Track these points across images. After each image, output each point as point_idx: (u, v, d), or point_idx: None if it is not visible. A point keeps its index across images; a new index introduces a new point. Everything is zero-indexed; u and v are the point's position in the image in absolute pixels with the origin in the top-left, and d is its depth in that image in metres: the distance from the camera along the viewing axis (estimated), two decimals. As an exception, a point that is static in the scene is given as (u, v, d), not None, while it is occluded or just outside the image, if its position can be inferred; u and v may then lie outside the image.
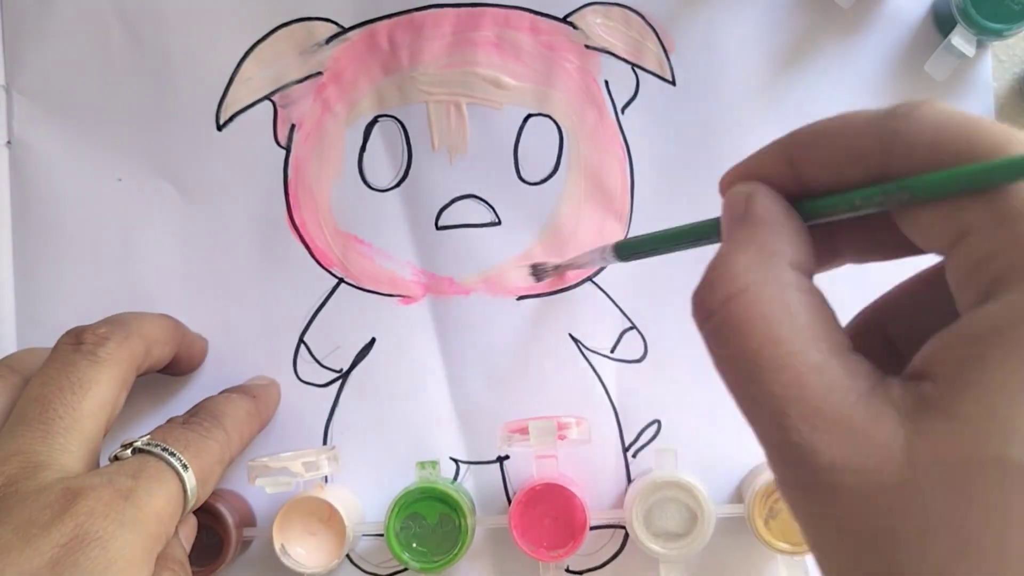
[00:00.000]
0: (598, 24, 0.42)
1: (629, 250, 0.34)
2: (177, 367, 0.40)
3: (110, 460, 0.33)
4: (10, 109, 0.43)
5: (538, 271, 0.42)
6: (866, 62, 0.41)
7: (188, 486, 0.33)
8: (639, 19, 0.42)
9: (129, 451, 0.33)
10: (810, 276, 0.21)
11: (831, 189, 0.21)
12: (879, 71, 0.41)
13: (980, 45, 0.40)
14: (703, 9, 0.42)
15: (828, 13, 0.41)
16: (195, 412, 0.37)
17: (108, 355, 0.34)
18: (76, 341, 0.34)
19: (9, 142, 0.43)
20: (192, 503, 0.33)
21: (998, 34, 0.38)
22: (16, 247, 0.42)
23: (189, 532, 0.36)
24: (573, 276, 0.42)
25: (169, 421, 0.36)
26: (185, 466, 0.33)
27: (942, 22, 0.41)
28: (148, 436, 0.34)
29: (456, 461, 0.42)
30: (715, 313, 0.21)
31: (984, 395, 0.17)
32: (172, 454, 0.33)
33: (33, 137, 0.43)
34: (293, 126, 0.42)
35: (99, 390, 0.33)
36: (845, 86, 0.41)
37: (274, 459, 0.38)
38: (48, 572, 0.28)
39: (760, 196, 0.22)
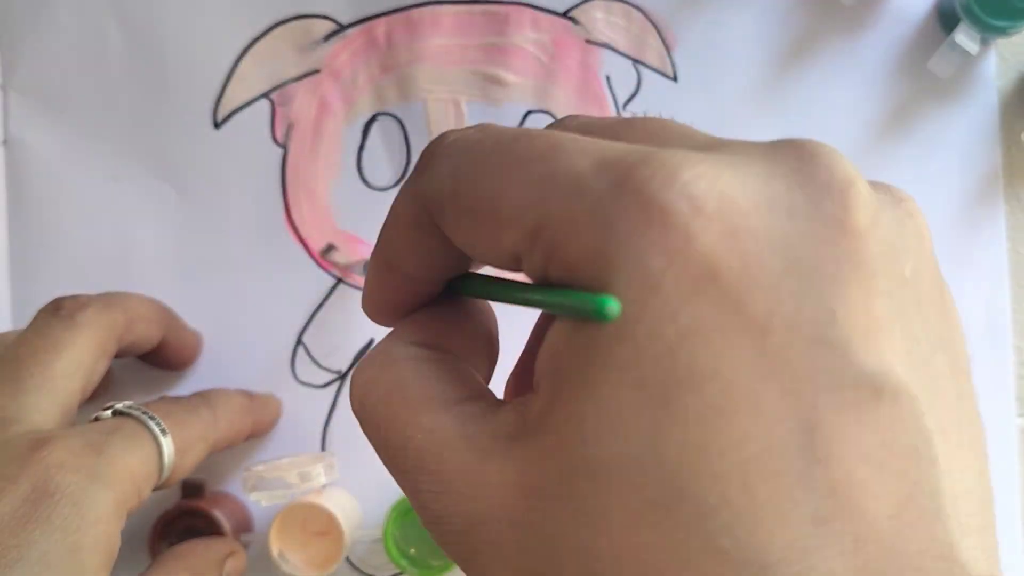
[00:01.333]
0: (599, 19, 0.42)
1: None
2: (168, 357, 0.40)
3: (91, 422, 0.32)
4: (6, 108, 0.42)
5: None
6: (869, 59, 0.41)
7: (165, 451, 0.32)
8: (640, 15, 0.42)
9: (109, 412, 0.32)
10: (440, 345, 0.20)
11: (438, 268, 0.21)
12: (882, 68, 0.41)
13: (984, 43, 0.39)
14: (705, 5, 0.41)
15: (831, 10, 0.41)
16: (188, 396, 0.37)
17: (86, 320, 0.34)
18: (55, 308, 0.34)
19: (5, 141, 0.42)
20: (168, 471, 0.32)
21: (1002, 32, 0.38)
22: (12, 246, 0.42)
23: (238, 566, 0.36)
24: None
25: (160, 398, 0.36)
26: (164, 431, 0.32)
27: (946, 19, 0.40)
28: (132, 402, 0.33)
29: (455, 463, 0.41)
30: (355, 411, 0.20)
31: (562, 401, 0.16)
32: (152, 418, 0.32)
33: (29, 136, 0.42)
34: (291, 124, 0.42)
35: (73, 351, 0.33)
36: (847, 83, 0.41)
37: (270, 468, 0.38)
38: (19, 527, 0.27)
39: (379, 295, 0.22)
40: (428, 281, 0.21)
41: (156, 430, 0.32)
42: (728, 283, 0.15)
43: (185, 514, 0.39)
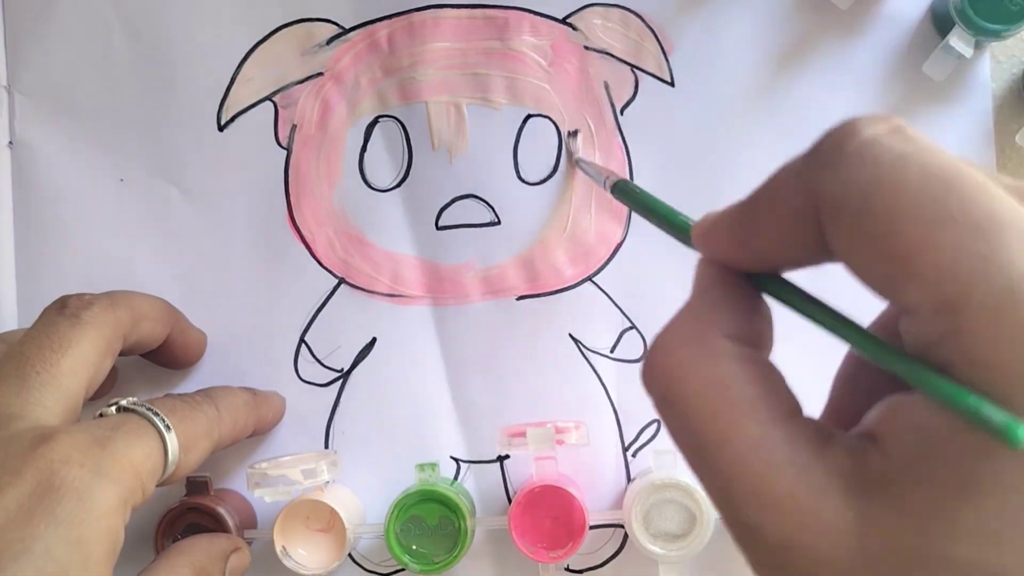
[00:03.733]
0: (597, 25, 0.42)
1: (622, 191, 0.34)
2: (173, 356, 0.40)
3: (95, 418, 0.33)
4: (12, 110, 0.43)
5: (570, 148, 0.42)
6: (864, 63, 0.41)
7: (169, 447, 0.32)
8: (638, 20, 0.42)
9: (114, 408, 0.33)
10: (756, 344, 0.20)
11: (787, 260, 0.20)
12: (877, 72, 0.41)
13: (978, 46, 0.40)
14: (702, 11, 0.42)
15: (826, 14, 0.41)
16: (192, 393, 0.37)
17: (91, 318, 0.34)
18: (61, 306, 0.34)
19: (11, 143, 0.43)
20: (172, 467, 0.33)
21: (996, 35, 0.38)
22: (18, 248, 0.42)
23: (242, 562, 0.36)
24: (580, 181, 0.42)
25: (165, 395, 0.36)
26: (168, 427, 0.32)
27: (940, 23, 0.41)
28: (136, 398, 0.33)
29: (456, 460, 0.42)
30: (655, 391, 0.20)
31: (933, 489, 0.16)
32: (156, 414, 0.32)
33: (35, 138, 0.43)
34: (294, 126, 0.42)
35: (79, 349, 0.33)
36: (843, 87, 0.41)
37: (273, 465, 0.38)
38: (24, 521, 0.27)
39: (701, 268, 0.21)
40: (775, 262, 0.20)
41: (161, 426, 0.32)
42: None
43: (190, 510, 0.39)
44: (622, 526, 0.41)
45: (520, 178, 0.42)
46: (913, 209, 0.16)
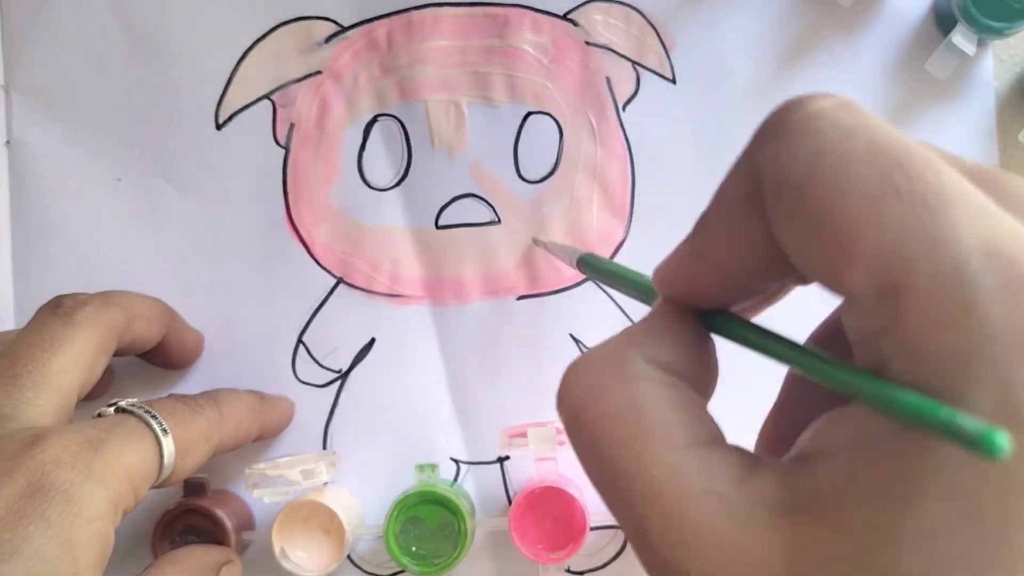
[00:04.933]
0: (599, 21, 0.42)
1: (589, 266, 0.33)
2: (169, 356, 0.40)
3: (93, 418, 0.32)
4: (9, 109, 0.43)
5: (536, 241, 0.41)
6: (866, 60, 0.41)
7: (165, 451, 0.32)
8: (640, 17, 0.42)
9: (112, 409, 0.32)
10: (688, 379, 0.19)
11: (739, 271, 0.18)
12: (879, 69, 0.41)
13: (981, 44, 0.39)
14: (704, 7, 0.42)
15: (829, 11, 0.41)
16: (196, 395, 0.37)
17: (84, 317, 0.33)
18: (55, 305, 0.34)
19: (8, 142, 0.43)
20: (167, 471, 0.32)
21: (999, 33, 0.38)
22: (15, 247, 0.42)
23: (234, 573, 0.36)
24: (562, 267, 0.42)
25: (168, 395, 0.36)
26: (165, 431, 0.32)
27: (943, 20, 0.41)
28: (136, 399, 0.33)
29: (456, 461, 0.42)
30: (564, 413, 0.19)
31: (870, 500, 0.15)
32: (154, 417, 0.32)
33: (32, 137, 0.42)
34: (292, 125, 0.42)
35: (71, 348, 0.32)
36: (845, 84, 0.41)
37: (272, 466, 0.38)
38: (14, 522, 0.27)
39: (654, 306, 0.20)
40: (737, 281, 0.18)
41: (157, 429, 0.32)
42: None
43: (187, 512, 0.39)
44: (623, 527, 0.41)
45: (520, 176, 0.42)
46: (857, 184, 0.15)
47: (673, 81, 0.42)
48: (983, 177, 0.16)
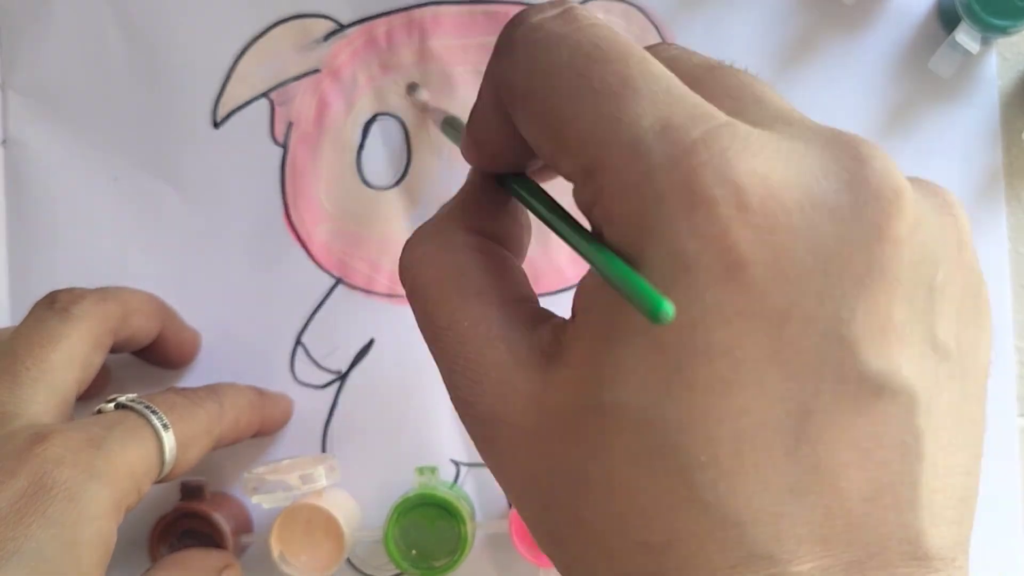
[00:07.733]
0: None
1: (453, 128, 0.35)
2: (166, 354, 0.40)
3: (93, 415, 0.32)
4: (5, 107, 0.42)
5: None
6: (869, 59, 0.41)
7: (166, 447, 0.32)
8: (640, 15, 0.42)
9: (112, 405, 0.32)
10: (502, 241, 0.22)
11: (511, 158, 0.22)
12: (882, 68, 0.41)
13: (985, 42, 0.39)
14: (705, 5, 0.41)
15: (831, 10, 0.41)
16: (196, 388, 0.37)
17: (81, 312, 0.33)
18: (51, 301, 0.34)
19: (4, 140, 0.42)
20: (169, 467, 0.32)
21: (1003, 31, 0.38)
22: (11, 245, 0.42)
23: None
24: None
25: (168, 388, 0.36)
26: (166, 426, 0.32)
27: (946, 19, 0.40)
28: (136, 395, 0.33)
29: (456, 463, 0.41)
30: (405, 283, 0.22)
31: (589, 340, 0.18)
32: (154, 412, 0.32)
33: (29, 136, 0.42)
34: (290, 124, 0.42)
35: (69, 344, 0.32)
36: (848, 83, 0.41)
37: (271, 470, 0.38)
38: (16, 521, 0.27)
39: (467, 176, 0.23)
40: (509, 161, 0.22)
41: (158, 425, 0.32)
42: (756, 274, 0.16)
43: (185, 516, 0.38)
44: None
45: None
46: (562, 86, 0.18)
47: (675, 79, 0.42)
48: (707, 69, 0.19)
